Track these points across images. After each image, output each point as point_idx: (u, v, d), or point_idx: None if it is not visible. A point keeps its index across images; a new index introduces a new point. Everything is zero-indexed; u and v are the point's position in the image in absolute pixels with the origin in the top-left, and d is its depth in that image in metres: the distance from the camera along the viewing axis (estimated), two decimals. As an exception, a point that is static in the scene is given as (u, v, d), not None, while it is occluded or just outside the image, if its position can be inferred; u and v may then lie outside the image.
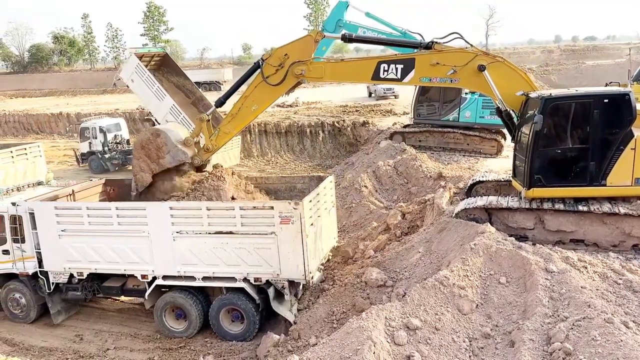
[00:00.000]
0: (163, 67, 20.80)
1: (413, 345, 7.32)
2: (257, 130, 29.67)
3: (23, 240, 11.58)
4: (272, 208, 9.98)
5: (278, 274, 10.14)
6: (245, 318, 10.56)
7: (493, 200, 10.19)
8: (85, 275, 11.41)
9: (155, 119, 20.65)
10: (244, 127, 12.55)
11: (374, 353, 6.90)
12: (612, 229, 9.37)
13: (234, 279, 10.45)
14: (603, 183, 9.37)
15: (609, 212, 9.20)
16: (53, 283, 11.61)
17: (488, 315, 7.91)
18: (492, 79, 9.78)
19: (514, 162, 10.54)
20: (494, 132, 21.17)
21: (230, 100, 11.83)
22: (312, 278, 10.58)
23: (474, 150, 21.27)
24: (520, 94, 9.88)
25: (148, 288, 11.04)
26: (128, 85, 20.47)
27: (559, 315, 7.42)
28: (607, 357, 6.47)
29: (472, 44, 10.72)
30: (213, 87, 55.64)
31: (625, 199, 9.51)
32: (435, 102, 21.79)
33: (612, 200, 9.51)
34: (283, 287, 10.21)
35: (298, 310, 10.42)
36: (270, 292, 10.31)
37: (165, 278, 10.87)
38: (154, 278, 10.93)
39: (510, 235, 9.55)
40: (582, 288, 7.80)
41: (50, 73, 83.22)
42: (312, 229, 10.31)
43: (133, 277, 11.25)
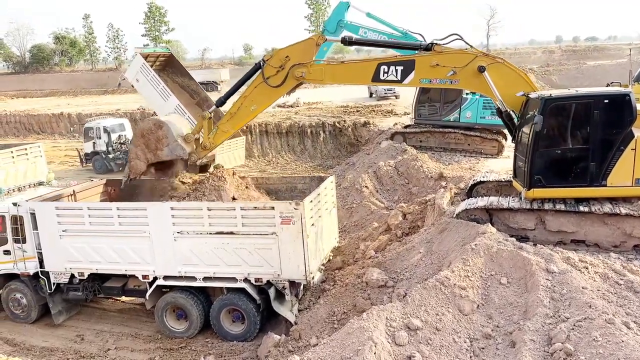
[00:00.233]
0: (168, 67, 20.76)
1: (414, 346, 7.32)
2: (258, 131, 29.64)
3: (24, 241, 11.60)
4: (273, 208, 9.98)
5: (279, 274, 10.14)
6: (246, 318, 10.57)
7: (494, 201, 10.18)
8: (86, 276, 11.42)
9: None
10: (242, 126, 12.56)
11: (375, 353, 6.90)
12: (613, 230, 9.37)
13: (235, 280, 10.45)
14: (603, 183, 9.36)
15: (610, 212, 9.20)
16: (54, 283, 11.63)
17: (489, 316, 7.91)
18: (492, 80, 9.76)
19: (515, 162, 10.52)
20: (495, 132, 21.17)
21: (231, 100, 11.84)
22: (312, 278, 10.57)
23: (475, 151, 21.27)
24: (521, 95, 9.85)
25: (149, 288, 11.05)
26: (133, 85, 20.43)
27: (560, 316, 7.42)
28: (608, 357, 6.47)
29: (471, 45, 10.70)
30: (210, 87, 55.13)
31: (626, 200, 9.51)
32: (436, 102, 21.80)
33: (613, 201, 9.50)
34: (284, 287, 10.21)
35: (299, 311, 10.41)
36: (271, 292, 10.30)
37: (166, 278, 10.88)
38: (155, 278, 10.94)
39: (511, 236, 9.55)
40: (583, 289, 7.81)
41: (52, 73, 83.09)
42: (312, 230, 10.31)
43: (134, 277, 11.25)
